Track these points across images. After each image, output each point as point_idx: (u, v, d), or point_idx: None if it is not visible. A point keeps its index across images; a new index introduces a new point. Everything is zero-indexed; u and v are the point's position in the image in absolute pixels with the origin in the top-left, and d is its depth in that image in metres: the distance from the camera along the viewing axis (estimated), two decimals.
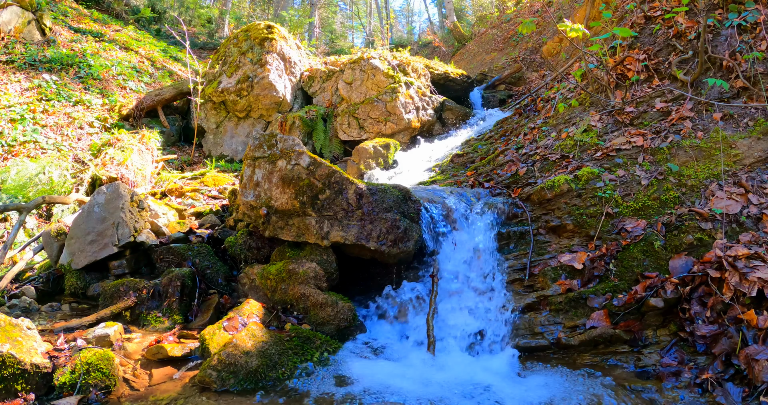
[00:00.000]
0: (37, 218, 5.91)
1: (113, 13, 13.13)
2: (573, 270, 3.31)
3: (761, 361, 2.36)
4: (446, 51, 17.01)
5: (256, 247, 4.04)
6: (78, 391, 2.47)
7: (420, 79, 8.51)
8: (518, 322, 3.19)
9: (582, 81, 5.20)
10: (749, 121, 3.71)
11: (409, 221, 3.70)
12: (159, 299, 3.57)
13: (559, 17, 11.03)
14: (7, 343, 2.44)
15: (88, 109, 7.96)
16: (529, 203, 3.93)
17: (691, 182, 3.52)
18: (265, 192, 3.80)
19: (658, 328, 2.91)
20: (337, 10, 30.87)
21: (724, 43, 4.12)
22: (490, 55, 13.49)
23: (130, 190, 4.29)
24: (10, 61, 8.09)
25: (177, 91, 8.78)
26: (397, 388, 2.62)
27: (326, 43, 23.68)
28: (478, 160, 5.51)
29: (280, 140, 3.83)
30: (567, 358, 2.96)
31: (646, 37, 4.82)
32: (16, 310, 3.66)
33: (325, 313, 3.30)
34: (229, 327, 3.02)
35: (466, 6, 25.21)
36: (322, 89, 8.65)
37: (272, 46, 8.40)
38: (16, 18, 8.67)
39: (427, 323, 3.19)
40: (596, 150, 4.08)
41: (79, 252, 4.00)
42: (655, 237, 3.22)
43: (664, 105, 4.12)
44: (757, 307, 2.62)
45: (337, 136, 8.17)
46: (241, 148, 8.60)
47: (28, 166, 6.16)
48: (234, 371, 2.62)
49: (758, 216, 3.18)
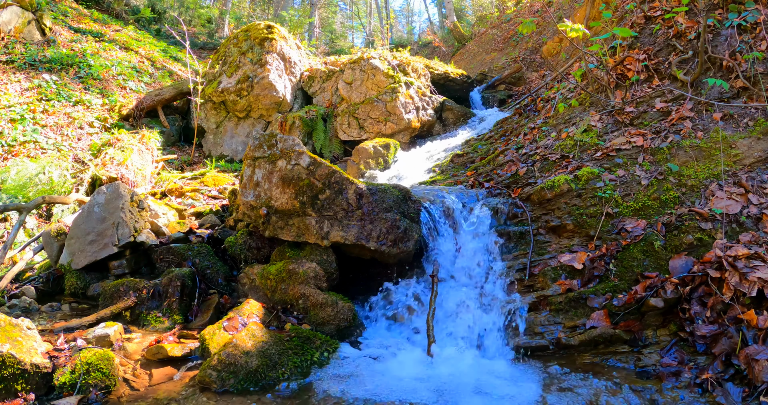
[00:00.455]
0: (37, 218, 5.91)
1: (113, 13, 13.13)
2: (573, 270, 3.31)
3: (761, 361, 2.36)
4: (446, 51, 17.01)
5: (256, 247, 4.04)
6: (78, 391, 2.47)
7: (420, 79, 8.51)
8: (518, 322, 3.19)
9: (582, 81, 5.20)
10: (749, 121, 3.71)
11: (409, 221, 3.70)
12: (159, 299, 3.57)
13: (559, 17, 11.03)
14: (7, 343, 2.44)
15: (88, 109, 7.96)
16: (529, 203, 3.93)
17: (691, 182, 3.52)
18: (265, 192, 3.80)
19: (658, 328, 2.91)
20: (337, 10, 30.87)
21: (724, 43, 4.12)
22: (490, 55, 13.49)
23: (130, 190, 4.29)
24: (10, 61, 8.09)
25: (177, 91, 8.78)
26: (397, 388, 2.62)
27: (326, 43, 23.68)
28: (478, 160, 5.51)
29: (280, 140, 3.83)
30: (567, 358, 2.96)
31: (646, 37, 4.82)
32: (16, 310, 3.66)
33: (325, 313, 3.30)
34: (229, 327, 3.03)
35: (466, 6, 25.21)
36: (322, 89, 8.65)
37: (272, 46, 8.40)
38: (16, 18, 8.66)
39: (427, 323, 3.19)
40: (596, 150, 4.08)
41: (79, 252, 4.00)
42: (655, 237, 3.22)
43: (664, 105, 4.12)
44: (757, 307, 2.62)
45: (337, 136, 8.17)
46: (241, 148, 8.60)
47: (28, 166, 6.16)
48: (234, 371, 2.62)
49: (758, 216, 3.18)
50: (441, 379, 2.73)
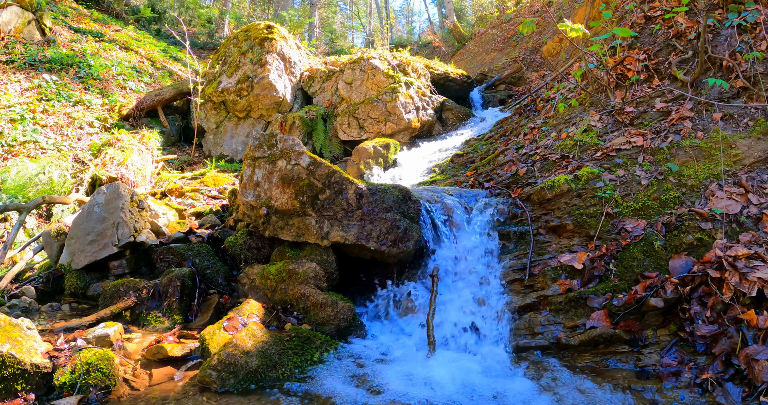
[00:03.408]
0: (37, 218, 5.91)
1: (113, 13, 13.13)
2: (573, 270, 3.31)
3: (761, 361, 2.36)
4: (446, 51, 17.01)
5: (256, 247, 4.04)
6: (78, 391, 2.47)
7: (420, 79, 8.51)
8: (518, 322, 3.19)
9: (582, 81, 5.20)
10: (749, 121, 3.71)
11: (409, 221, 3.70)
12: (159, 299, 3.57)
13: (559, 17, 11.03)
14: (7, 343, 2.44)
15: (88, 109, 7.96)
16: (529, 203, 3.93)
17: (691, 182, 3.52)
18: (265, 192, 3.80)
19: (658, 328, 2.91)
20: (337, 10, 30.87)
21: (724, 43, 4.12)
22: (490, 55, 13.49)
23: (130, 190, 4.29)
24: (10, 61, 8.09)
25: (177, 91, 8.78)
26: (397, 387, 2.62)
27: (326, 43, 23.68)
28: (478, 160, 5.51)
29: (280, 140, 3.83)
30: (567, 358, 2.96)
31: (646, 37, 4.83)
32: (16, 310, 3.66)
33: (325, 313, 3.30)
34: (229, 327, 3.03)
35: (466, 6, 25.20)
36: (322, 89, 8.65)
37: (272, 46, 8.40)
38: (16, 18, 8.66)
39: (428, 323, 3.19)
40: (596, 150, 4.08)
41: (79, 252, 4.00)
42: (655, 237, 3.22)
43: (664, 105, 4.12)
44: (757, 307, 2.62)
45: (337, 136, 8.17)
46: (241, 148, 8.60)
47: (28, 166, 6.16)
48: (234, 371, 2.62)
49: (758, 216, 3.18)
50: (441, 380, 2.73)
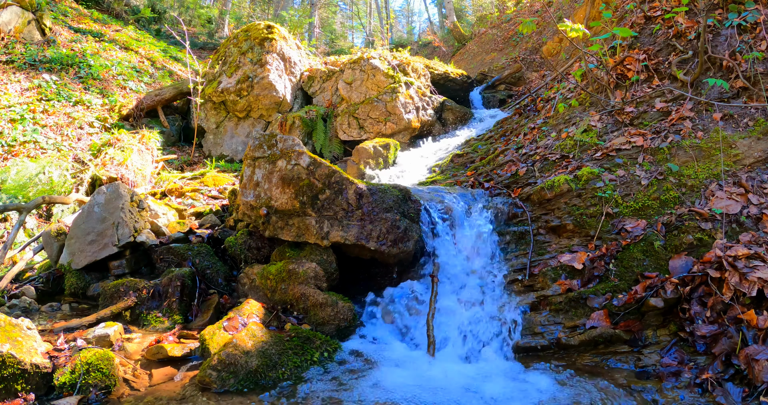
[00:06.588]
0: (37, 218, 5.91)
1: (113, 13, 13.13)
2: (573, 270, 3.31)
3: (761, 361, 2.36)
4: (446, 51, 17.01)
5: (256, 247, 4.04)
6: (78, 391, 2.47)
7: (420, 79, 8.51)
8: (518, 322, 3.19)
9: (582, 81, 5.20)
10: (749, 121, 3.71)
11: (409, 221, 3.69)
12: (159, 299, 3.57)
13: (559, 17, 11.03)
14: (7, 343, 2.44)
15: (88, 109, 7.96)
16: (529, 203, 3.93)
17: (691, 182, 3.52)
18: (265, 192, 3.80)
19: (658, 328, 2.91)
20: (337, 10, 30.87)
21: (724, 43, 4.12)
22: (490, 55, 13.49)
23: (130, 190, 4.29)
24: (10, 61, 8.09)
25: (177, 91, 8.78)
26: (397, 388, 2.62)
27: (326, 43, 23.68)
28: (478, 160, 5.51)
29: (280, 140, 3.83)
30: (567, 358, 2.96)
31: (646, 37, 4.83)
32: (16, 310, 3.66)
33: (325, 313, 3.30)
34: (229, 327, 3.03)
35: (466, 6, 25.21)
36: (322, 89, 8.65)
37: (272, 46, 8.40)
38: (16, 18, 8.66)
39: (427, 323, 3.19)
40: (596, 150, 4.08)
41: (79, 252, 4.00)
42: (655, 237, 3.22)
43: (664, 105, 4.12)
44: (757, 307, 2.62)
45: (337, 136, 8.17)
46: (241, 148, 8.60)
47: (28, 166, 6.16)
48: (234, 371, 2.62)
49: (758, 216, 3.18)
50: (440, 380, 2.73)
